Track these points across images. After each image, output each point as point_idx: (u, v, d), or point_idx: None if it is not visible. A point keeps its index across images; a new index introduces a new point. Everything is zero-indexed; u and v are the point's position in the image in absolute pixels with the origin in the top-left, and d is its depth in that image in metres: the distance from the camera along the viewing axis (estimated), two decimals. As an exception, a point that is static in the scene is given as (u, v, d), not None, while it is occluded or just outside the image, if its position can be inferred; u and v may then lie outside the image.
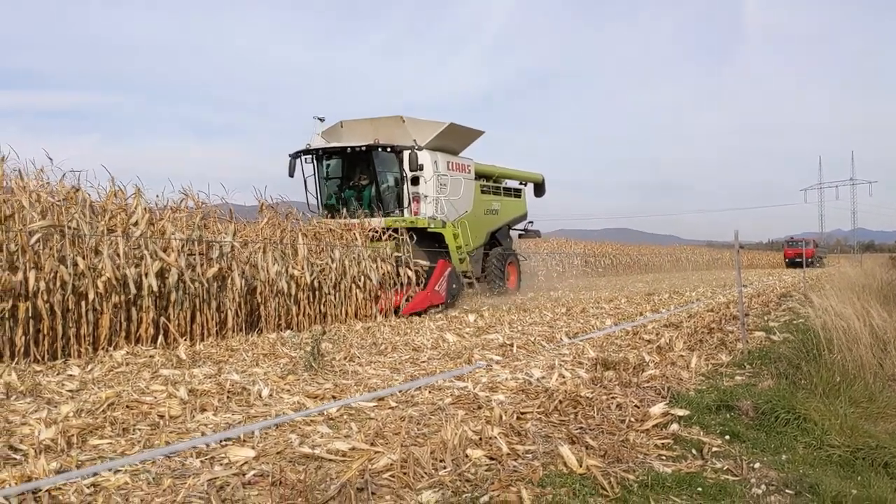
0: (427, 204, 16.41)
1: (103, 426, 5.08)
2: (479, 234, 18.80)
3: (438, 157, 16.89)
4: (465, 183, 17.97)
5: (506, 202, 20.62)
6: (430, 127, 16.71)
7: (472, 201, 18.42)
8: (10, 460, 4.30)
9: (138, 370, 7.46)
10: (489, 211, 19.55)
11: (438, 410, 5.53)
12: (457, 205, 17.39)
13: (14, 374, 6.85)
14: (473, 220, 18.24)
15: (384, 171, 16.26)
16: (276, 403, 5.85)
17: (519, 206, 21.61)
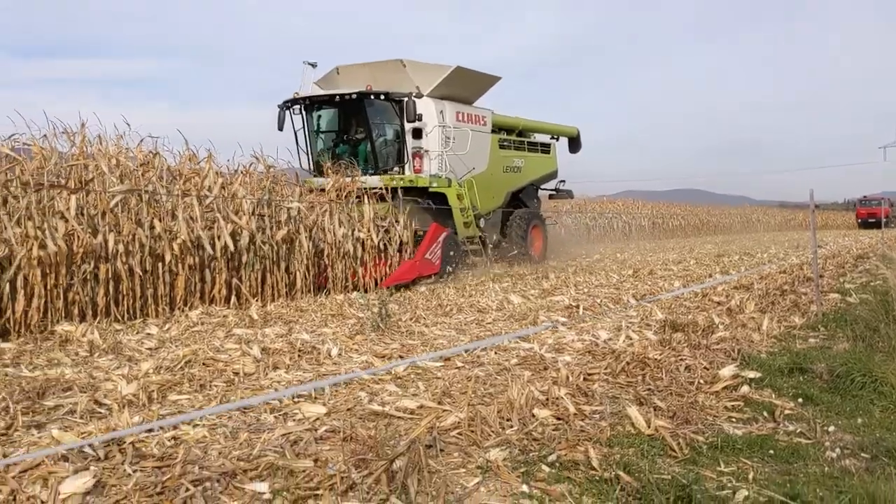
0: (431, 160, 14.32)
1: (181, 382, 5.28)
2: (497, 194, 16.64)
3: (445, 106, 14.72)
4: (478, 136, 15.68)
5: (531, 159, 18.14)
6: (434, 71, 14.49)
7: (488, 157, 16.20)
8: (95, 414, 4.51)
9: (213, 329, 7.70)
10: (510, 168, 17.22)
11: (504, 371, 5.57)
12: (467, 161, 15.08)
13: (97, 333, 7.14)
14: (489, 179, 16.09)
15: (380, 123, 14.22)
16: (344, 362, 5.98)
17: (547, 163, 19.04)
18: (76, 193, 8.29)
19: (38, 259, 7.65)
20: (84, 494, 3.12)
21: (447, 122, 14.62)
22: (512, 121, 17.80)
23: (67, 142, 9.11)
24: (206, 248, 9.29)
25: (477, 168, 15.54)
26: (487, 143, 16.23)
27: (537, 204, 18.97)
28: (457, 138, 14.75)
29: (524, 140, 17.99)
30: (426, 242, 12.45)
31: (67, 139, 9.10)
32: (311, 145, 14.55)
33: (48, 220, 7.90)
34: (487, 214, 16.02)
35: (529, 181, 18.07)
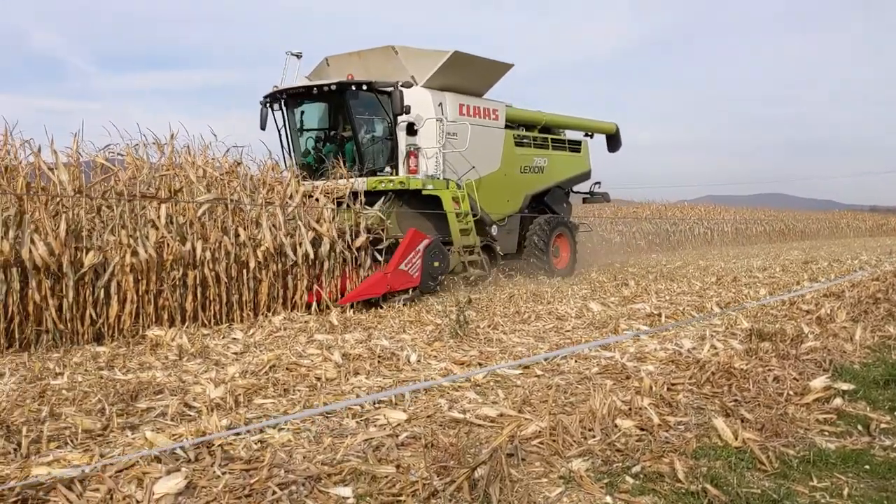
0: (428, 159, 12.60)
1: (266, 387, 5.40)
2: (513, 197, 14.69)
3: (446, 98, 12.91)
4: (487, 132, 13.85)
5: (557, 158, 16.01)
6: (429, 58, 12.75)
7: (500, 156, 14.26)
8: (185, 416, 4.66)
9: (295, 335, 7.86)
10: (529, 168, 15.14)
11: (585, 380, 5.51)
12: (474, 160, 13.27)
13: (185, 338, 7.37)
14: (502, 180, 14.26)
15: (365, 117, 12.60)
16: (423, 369, 6.01)
17: (578, 163, 16.84)
18: (166, 203, 8.58)
19: (131, 266, 7.95)
20: (176, 495, 3.22)
21: (447, 115, 12.83)
22: (532, 115, 15.89)
23: (157, 152, 9.46)
24: (288, 254, 9.50)
25: (486, 168, 13.82)
26: (500, 140, 14.32)
27: (567, 209, 16.92)
28: (460, 134, 12.95)
29: (548, 137, 15.97)
30: (401, 251, 10.72)
31: (157, 150, 9.44)
32: (294, 145, 13.06)
33: (140, 228, 8.21)
34: (501, 220, 14.30)
35: (555, 183, 16.02)
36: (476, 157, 13.32)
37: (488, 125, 13.94)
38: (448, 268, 11.90)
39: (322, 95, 12.46)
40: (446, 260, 11.79)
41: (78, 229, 7.85)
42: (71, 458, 3.75)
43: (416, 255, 10.92)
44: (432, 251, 11.33)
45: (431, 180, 12.41)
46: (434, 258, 11.40)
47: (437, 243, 11.56)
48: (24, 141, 8.07)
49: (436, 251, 11.45)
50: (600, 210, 31.04)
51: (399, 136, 12.40)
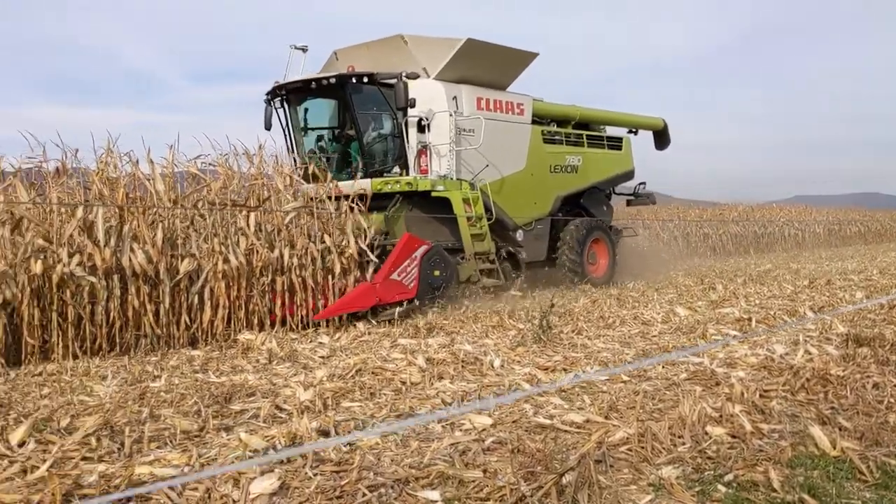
0: (441, 158, 11.60)
1: (353, 390, 5.51)
2: (541, 199, 13.45)
3: (462, 91, 11.89)
4: (509, 128, 12.74)
5: (594, 156, 14.75)
6: (441, 47, 11.73)
7: (526, 154, 13.11)
8: (277, 419, 4.79)
9: (379, 339, 7.97)
10: (561, 168, 13.91)
11: (673, 385, 5.41)
12: (495, 158, 12.28)
13: (274, 342, 7.57)
14: (528, 181, 13.12)
15: (370, 113, 11.67)
16: (507, 374, 6.01)
17: (618, 162, 15.57)
18: (255, 211, 8.85)
19: (223, 272, 8.23)
20: (271, 495, 3.32)
21: (463, 110, 11.83)
22: (565, 109, 14.64)
23: (247, 162, 9.77)
24: (372, 260, 9.66)
25: (510, 167, 12.73)
26: (525, 136, 13.15)
27: (608, 212, 15.52)
28: (477, 130, 11.85)
29: (582, 133, 14.73)
30: (393, 259, 9.62)
31: (247, 160, 9.75)
32: (298, 145, 12.14)
33: (231, 236, 8.48)
34: (528, 225, 13.11)
35: (591, 183, 14.76)
36: (497, 156, 12.37)
37: (512, 121, 12.81)
38: (453, 277, 10.65)
39: (322, 90, 11.53)
40: (450, 269, 10.62)
41: (173, 237, 8.18)
42: (170, 458, 3.91)
43: (411, 263, 9.81)
44: (432, 259, 10.22)
45: (442, 181, 11.42)
46: (434, 266, 10.27)
47: (438, 250, 10.46)
48: (124, 154, 8.47)
49: (436, 259, 10.34)
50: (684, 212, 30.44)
51: (409, 132, 11.45)
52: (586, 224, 13.89)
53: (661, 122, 16.96)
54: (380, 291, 9.27)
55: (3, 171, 7.72)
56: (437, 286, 10.21)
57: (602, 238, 14.29)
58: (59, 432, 4.45)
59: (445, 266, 10.47)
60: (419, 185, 11.19)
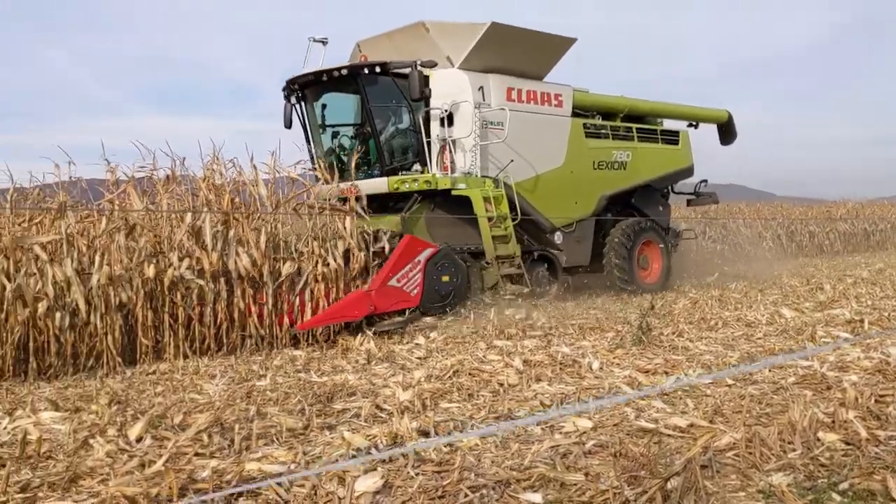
0: (465, 153, 10.83)
1: (451, 391, 5.54)
2: (583, 198, 12.43)
3: (489, 81, 11.08)
4: (545, 121, 11.80)
5: (645, 151, 13.55)
6: (464, 33, 10.90)
7: (565, 149, 12.11)
8: (377, 418, 4.87)
9: (475, 341, 7.99)
10: (606, 164, 12.80)
11: (781, 390, 5.22)
12: (529, 154, 11.43)
13: (372, 343, 7.71)
14: (567, 178, 12.12)
15: (386, 106, 10.97)
16: (606, 376, 5.93)
17: (675, 158, 14.19)
18: (349, 214, 9.02)
19: (322, 275, 8.43)
20: (374, 493, 3.38)
21: (492, 101, 11.02)
22: (611, 101, 13.44)
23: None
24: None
25: (546, 163, 11.80)
26: (564, 130, 12.17)
27: (664, 212, 14.21)
28: (507, 124, 10.94)
29: (632, 127, 13.55)
30: (392, 263, 8.80)
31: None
32: (316, 143, 11.52)
33: (329, 239, 8.69)
34: (568, 226, 12.20)
35: (643, 181, 13.59)
36: (531, 151, 11.48)
37: (548, 113, 11.86)
38: (464, 284, 9.72)
39: (336, 83, 10.85)
40: (461, 274, 9.68)
41: (276, 241, 8.43)
42: (277, 455, 4.03)
43: (413, 268, 8.98)
44: (439, 263, 9.35)
45: (465, 178, 10.67)
46: (442, 271, 9.37)
47: (447, 253, 9.56)
48: (228, 161, 8.80)
49: (444, 263, 9.44)
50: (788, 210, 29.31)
51: (431, 126, 10.71)
52: (635, 225, 12.89)
53: (726, 115, 15.62)
54: (375, 299, 8.47)
55: (118, 180, 8.12)
56: (446, 293, 9.41)
57: (654, 240, 13.27)
58: (173, 429, 4.66)
59: (456, 271, 9.57)
60: (439, 183, 10.49)
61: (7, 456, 4.17)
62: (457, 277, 9.55)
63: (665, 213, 14.22)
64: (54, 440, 4.51)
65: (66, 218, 7.22)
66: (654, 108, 14.27)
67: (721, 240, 23.21)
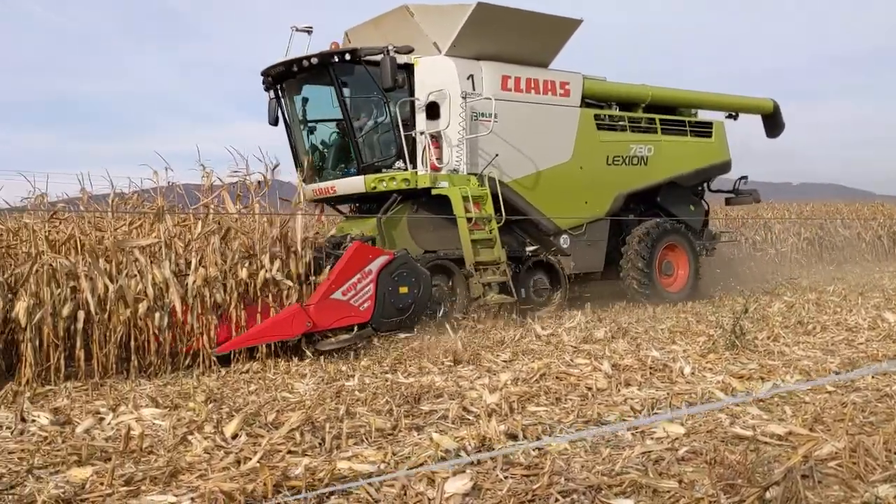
0: (452, 148, 9.91)
1: (538, 395, 5.50)
2: (594, 196, 11.32)
3: (481, 68, 10.17)
4: (548, 112, 10.80)
5: (672, 145, 12.25)
6: (449, 16, 10.01)
7: (573, 143, 11.06)
8: (465, 420, 4.88)
9: (562, 344, 7.90)
10: (623, 159, 11.63)
11: (885, 397, 4.99)
12: (528, 148, 10.50)
13: (459, 344, 7.72)
14: (575, 175, 11.09)
15: (364, 97, 10.15)
16: (698, 381, 5.78)
17: (707, 152, 12.80)
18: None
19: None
20: (463, 495, 3.38)
21: (483, 90, 10.06)
22: (631, 90, 12.24)
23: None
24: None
25: (549, 158, 10.79)
26: (572, 121, 11.11)
27: (696, 212, 12.83)
28: (502, 115, 10.11)
29: (655, 118, 12.24)
30: (336, 273, 7.84)
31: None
32: (297, 140, 10.85)
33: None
34: (576, 228, 11.14)
35: (668, 177, 12.24)
36: (531, 145, 10.54)
37: (551, 103, 10.85)
38: (426, 296, 8.66)
39: (310, 75, 10.12)
40: (423, 285, 8.59)
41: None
42: (367, 455, 4.08)
43: (363, 279, 7.98)
44: (395, 273, 8.31)
45: (448, 176, 9.75)
46: (399, 282, 8.34)
47: (405, 261, 8.51)
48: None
49: (403, 273, 8.40)
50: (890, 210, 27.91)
51: (417, 119, 9.83)
52: (657, 227, 11.64)
53: (771, 105, 14.06)
54: (314, 315, 7.55)
55: (213, 185, 8.37)
56: (404, 307, 8.38)
57: (680, 244, 11.97)
58: (266, 426, 4.79)
59: (416, 281, 8.52)
60: (419, 181, 9.64)
61: (112, 450, 4.37)
62: (417, 289, 8.52)
63: (697, 213, 12.93)
64: (155, 436, 4.70)
65: (163, 222, 7.50)
66: (682, 97, 12.95)
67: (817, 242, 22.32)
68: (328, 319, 7.69)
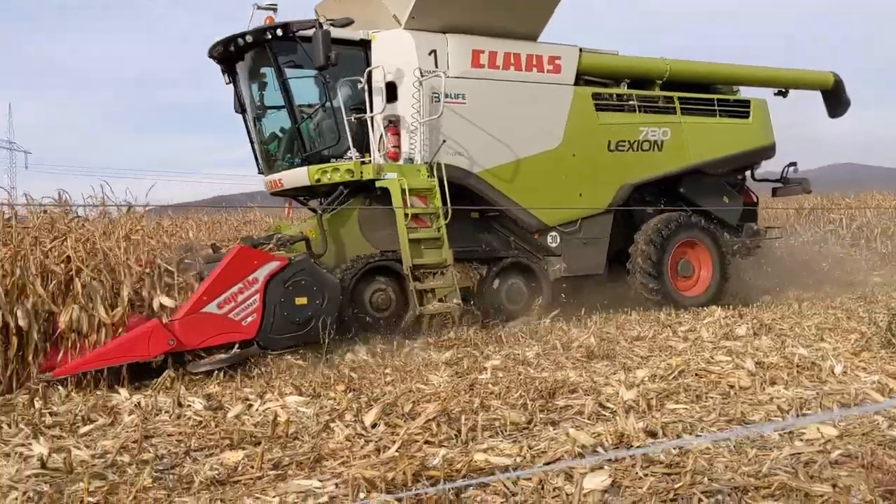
0: (410, 134, 8.79)
1: (677, 392, 5.35)
2: (591, 188, 9.88)
3: (447, 42, 9.00)
4: (531, 91, 9.47)
5: (695, 127, 10.68)
6: None
7: (563, 126, 9.66)
8: (601, 417, 4.81)
9: (700, 341, 7.62)
10: (630, 144, 10.16)
11: None
12: (503, 133, 9.23)
13: (593, 339, 7.62)
14: (567, 163, 9.69)
15: (304, 78, 9.17)
16: (851, 381, 5.45)
17: (744, 134, 11.11)
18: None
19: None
20: (602, 492, 3.34)
21: (449, 68, 8.94)
22: (644, 64, 10.79)
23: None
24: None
25: (532, 145, 9.46)
26: (562, 102, 9.71)
27: (731, 204, 11.14)
28: (471, 96, 9.03)
29: (673, 96, 10.65)
30: (208, 285, 6.71)
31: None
32: (250, 128, 9.83)
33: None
34: (569, 225, 9.77)
35: (691, 164, 10.66)
36: (508, 130, 9.27)
37: (535, 80, 9.52)
38: (332, 307, 7.43)
39: (254, 56, 9.17)
40: (328, 294, 7.42)
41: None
42: (503, 448, 4.09)
43: (246, 289, 6.83)
44: (290, 281, 7.17)
45: (396, 166, 8.66)
46: (296, 292, 7.19)
47: (304, 267, 7.34)
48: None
49: (301, 281, 7.24)
50: None
51: (375, 101, 8.74)
52: (669, 222, 10.14)
53: (831, 78, 12.09)
54: (179, 332, 6.42)
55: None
56: (303, 321, 7.21)
57: (702, 241, 10.41)
58: (404, 416, 4.90)
59: (318, 290, 7.34)
60: (364, 172, 8.58)
61: (260, 435, 4.60)
62: (319, 299, 7.33)
63: (733, 205, 11.16)
64: (299, 422, 4.90)
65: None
66: (712, 72, 11.27)
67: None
68: (199, 337, 6.54)
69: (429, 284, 8.41)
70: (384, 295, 8.35)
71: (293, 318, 7.14)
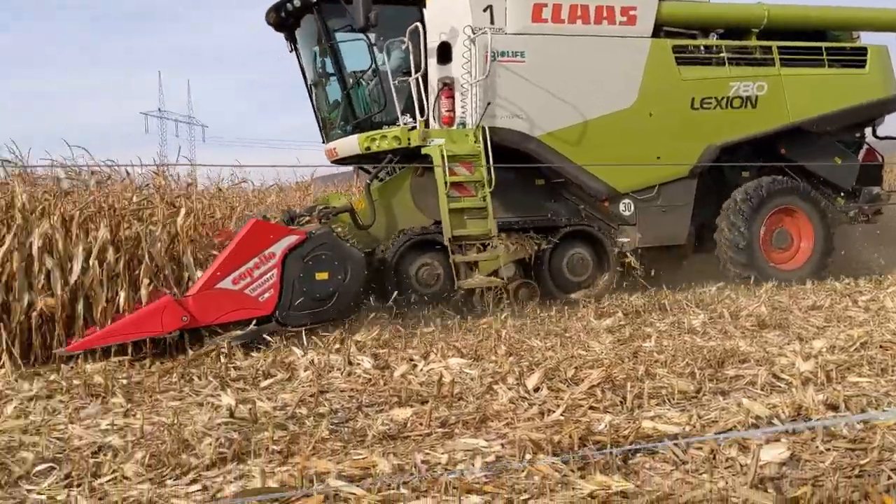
0: (463, 97, 8.21)
1: (860, 364, 5.02)
2: (670, 150, 8.98)
3: None
4: (600, 46, 8.65)
5: (798, 80, 9.49)
6: None
7: (638, 83, 8.80)
8: (775, 387, 4.60)
9: (886, 311, 7.13)
10: (718, 101, 9.14)
11: None
12: (568, 93, 8.46)
13: (764, 308, 7.26)
14: (642, 124, 8.81)
15: (353, 42, 8.67)
16: None
17: (858, 86, 9.77)
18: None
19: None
20: (780, 465, 3.20)
21: (506, 25, 8.29)
22: (743, 12, 9.58)
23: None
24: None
25: (602, 105, 8.66)
26: (639, 56, 8.84)
27: (845, 166, 9.86)
28: (531, 55, 8.34)
29: (771, 46, 9.49)
30: (223, 259, 6.51)
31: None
32: (317, 97, 9.54)
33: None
34: (645, 191, 9.01)
35: (792, 122, 9.46)
36: (574, 89, 8.52)
37: (606, 34, 8.69)
38: (356, 282, 7.12)
39: (307, 21, 8.82)
40: (352, 268, 7.09)
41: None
42: (671, 416, 4.00)
43: (263, 264, 6.60)
44: (309, 256, 6.87)
45: (446, 132, 8.13)
46: (316, 267, 6.90)
47: (325, 241, 7.01)
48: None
49: (322, 255, 6.94)
50: None
51: (430, 64, 8.23)
52: (762, 186, 9.22)
53: None
54: (193, 308, 6.28)
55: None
56: (324, 296, 6.92)
57: (800, 208, 9.41)
58: (566, 382, 4.88)
59: (340, 265, 7.03)
60: (411, 138, 8.13)
61: (426, 394, 4.74)
62: (342, 274, 7.02)
63: (846, 167, 9.95)
64: (463, 383, 5.00)
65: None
66: (820, 16, 9.93)
67: None
68: (214, 313, 6.39)
69: (472, 257, 7.96)
70: (429, 270, 8.03)
71: (314, 294, 6.87)
